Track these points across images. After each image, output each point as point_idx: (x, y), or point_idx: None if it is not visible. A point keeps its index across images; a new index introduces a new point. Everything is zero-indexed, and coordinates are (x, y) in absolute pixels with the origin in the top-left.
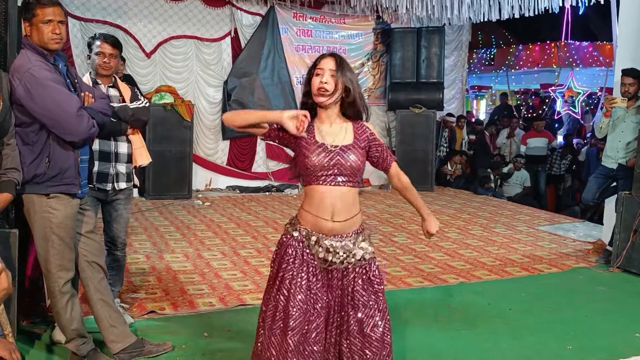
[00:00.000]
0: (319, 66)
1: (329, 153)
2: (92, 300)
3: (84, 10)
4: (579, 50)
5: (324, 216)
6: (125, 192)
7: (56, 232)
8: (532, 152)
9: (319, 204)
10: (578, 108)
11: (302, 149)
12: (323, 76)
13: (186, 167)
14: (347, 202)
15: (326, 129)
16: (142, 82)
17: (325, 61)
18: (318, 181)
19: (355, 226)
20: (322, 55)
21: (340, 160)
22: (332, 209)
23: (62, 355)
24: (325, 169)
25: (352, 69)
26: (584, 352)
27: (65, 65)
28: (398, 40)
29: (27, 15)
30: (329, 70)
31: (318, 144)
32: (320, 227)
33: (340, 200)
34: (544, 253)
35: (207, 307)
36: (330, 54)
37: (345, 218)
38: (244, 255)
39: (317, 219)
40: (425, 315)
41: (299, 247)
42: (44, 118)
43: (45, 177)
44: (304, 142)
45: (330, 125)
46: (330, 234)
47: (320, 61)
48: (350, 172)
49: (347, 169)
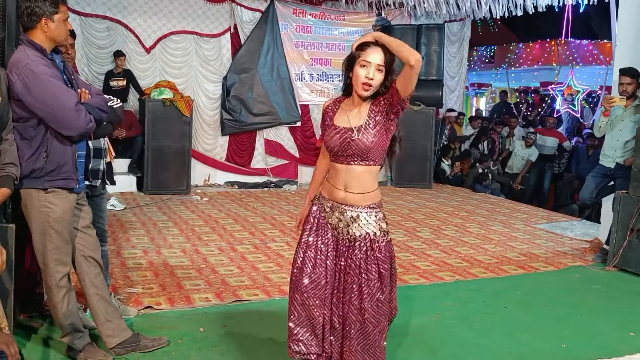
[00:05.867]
0: (366, 58)
1: (342, 136)
2: (88, 294)
3: (84, 5)
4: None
5: (338, 186)
6: (104, 187)
7: (54, 227)
8: (541, 150)
9: (335, 177)
10: (578, 106)
11: (324, 132)
12: (369, 71)
13: (185, 163)
14: (361, 179)
15: (350, 109)
16: (142, 77)
17: (373, 53)
18: (336, 160)
19: (369, 201)
20: (368, 42)
21: (351, 144)
22: (345, 182)
23: (58, 349)
24: (339, 150)
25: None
26: (578, 350)
27: (62, 61)
28: (398, 37)
29: (50, 11)
30: (376, 65)
31: (334, 127)
32: (334, 195)
33: (353, 176)
34: (540, 251)
35: (204, 303)
36: (377, 44)
37: (357, 191)
38: (241, 251)
39: (332, 187)
40: (421, 313)
41: (318, 215)
42: (42, 113)
43: (43, 172)
44: (327, 124)
45: (356, 108)
46: (343, 203)
47: (367, 51)
48: (362, 153)
49: (359, 150)
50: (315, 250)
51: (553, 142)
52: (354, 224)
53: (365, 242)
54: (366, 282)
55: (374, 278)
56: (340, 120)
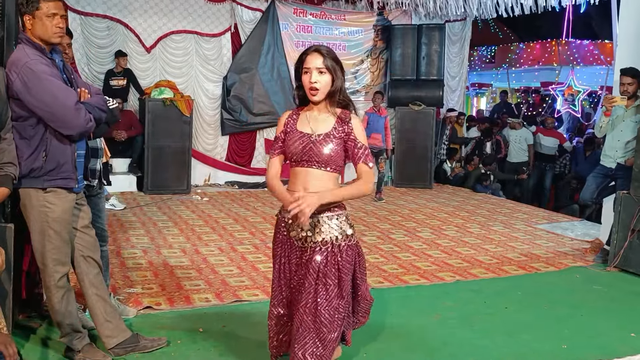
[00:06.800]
0: (306, 65)
1: (304, 141)
2: (87, 295)
3: (84, 5)
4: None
5: (297, 189)
6: (101, 187)
7: (53, 227)
8: (542, 150)
9: (295, 182)
10: (578, 107)
11: (287, 137)
12: (311, 75)
13: (185, 162)
14: (320, 181)
15: (313, 116)
16: (142, 76)
17: (311, 59)
18: (297, 164)
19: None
20: (306, 51)
21: (313, 148)
22: (304, 184)
23: (57, 349)
24: (301, 154)
25: (336, 57)
26: (579, 350)
27: (61, 60)
28: (398, 37)
29: (29, 8)
30: (316, 68)
31: (297, 132)
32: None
33: (312, 178)
34: (541, 252)
35: (203, 303)
36: (315, 49)
37: (316, 191)
38: (241, 251)
39: (292, 193)
40: (421, 313)
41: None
42: (41, 112)
43: (42, 171)
44: (289, 130)
45: (318, 113)
46: None
47: (306, 58)
48: (324, 160)
49: (320, 157)
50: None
51: (553, 143)
52: (314, 229)
53: (327, 246)
54: (324, 287)
55: (332, 283)
56: (303, 126)
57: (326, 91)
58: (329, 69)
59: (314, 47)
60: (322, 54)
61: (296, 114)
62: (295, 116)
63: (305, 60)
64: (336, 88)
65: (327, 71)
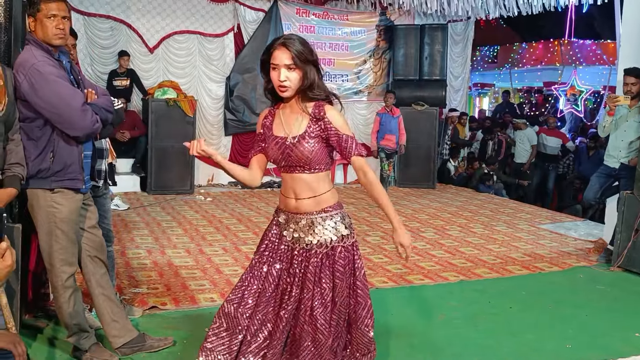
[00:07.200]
0: (273, 60)
1: (281, 147)
2: (94, 294)
3: (87, 5)
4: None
5: (289, 195)
6: (107, 187)
7: (60, 227)
8: (545, 150)
9: (285, 187)
10: (581, 106)
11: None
12: (280, 73)
13: (188, 163)
14: (309, 185)
15: (286, 115)
16: (145, 77)
17: (278, 54)
18: (282, 169)
19: (323, 205)
20: (272, 45)
21: (290, 154)
22: (293, 190)
23: (64, 349)
24: (281, 160)
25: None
26: (583, 350)
27: (68, 61)
28: (401, 37)
29: (32, 10)
30: (284, 66)
31: (274, 137)
32: (287, 205)
33: (300, 184)
34: (544, 251)
35: (209, 303)
36: (282, 43)
37: (308, 196)
38: (246, 251)
39: (284, 197)
40: (426, 313)
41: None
42: (48, 113)
43: (50, 172)
44: (267, 133)
45: (291, 112)
46: (296, 212)
47: (273, 53)
48: (306, 163)
49: (300, 160)
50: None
51: (556, 143)
52: (309, 231)
53: (321, 249)
54: (319, 292)
55: (327, 288)
56: (277, 129)
57: (297, 88)
58: (298, 65)
59: (281, 38)
60: (290, 49)
61: (271, 113)
62: (271, 117)
63: (272, 55)
64: (308, 83)
65: (296, 67)
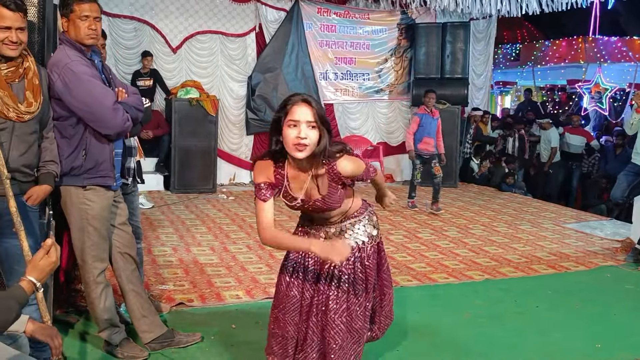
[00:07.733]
0: (292, 117)
1: (305, 203)
2: (124, 290)
3: (111, 6)
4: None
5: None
6: (135, 185)
7: (92, 224)
8: (569, 149)
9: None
10: (606, 104)
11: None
12: (300, 130)
13: (211, 162)
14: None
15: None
16: (168, 77)
17: (299, 111)
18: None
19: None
20: (292, 101)
21: (317, 208)
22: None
23: (95, 344)
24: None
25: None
26: (613, 350)
27: (100, 61)
28: (423, 35)
29: (65, 10)
30: (306, 122)
31: (292, 198)
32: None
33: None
34: (570, 251)
35: (234, 300)
36: (303, 100)
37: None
38: (269, 249)
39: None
40: (451, 311)
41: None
42: (81, 112)
43: (82, 170)
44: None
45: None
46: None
47: (292, 109)
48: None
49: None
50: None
51: (580, 141)
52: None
53: (353, 252)
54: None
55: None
56: (298, 192)
57: (313, 149)
58: (318, 124)
59: (300, 96)
60: (313, 106)
61: (280, 174)
62: (280, 176)
63: (291, 110)
64: (322, 147)
65: (316, 126)
